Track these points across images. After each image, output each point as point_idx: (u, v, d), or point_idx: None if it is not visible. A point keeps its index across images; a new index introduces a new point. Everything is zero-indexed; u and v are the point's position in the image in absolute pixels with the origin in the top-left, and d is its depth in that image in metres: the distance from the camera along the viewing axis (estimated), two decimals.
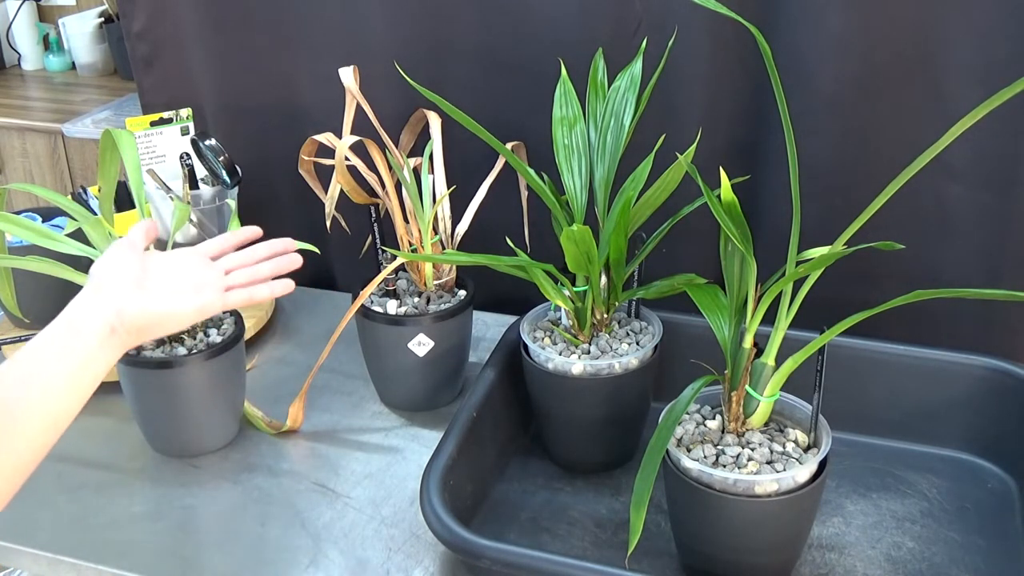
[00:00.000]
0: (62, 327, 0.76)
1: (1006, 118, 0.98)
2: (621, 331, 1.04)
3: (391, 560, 0.92)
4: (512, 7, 1.21)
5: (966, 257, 1.15)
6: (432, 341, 1.09)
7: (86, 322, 0.76)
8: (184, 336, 1.04)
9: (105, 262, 0.82)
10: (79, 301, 0.78)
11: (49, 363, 0.73)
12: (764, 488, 0.82)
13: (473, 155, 1.11)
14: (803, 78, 1.12)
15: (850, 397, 1.07)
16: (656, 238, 1.03)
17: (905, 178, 0.74)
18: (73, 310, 0.77)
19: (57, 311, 1.15)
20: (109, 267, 0.81)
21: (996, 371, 1.05)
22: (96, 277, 0.81)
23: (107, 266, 0.81)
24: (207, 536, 0.97)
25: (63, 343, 0.74)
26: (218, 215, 1.28)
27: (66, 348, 0.74)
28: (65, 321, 0.76)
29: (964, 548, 0.95)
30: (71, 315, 0.77)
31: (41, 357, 0.73)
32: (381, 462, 1.07)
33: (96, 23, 2.75)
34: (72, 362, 0.74)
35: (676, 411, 0.83)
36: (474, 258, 0.95)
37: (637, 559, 0.91)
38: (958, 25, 1.05)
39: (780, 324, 0.86)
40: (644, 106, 1.03)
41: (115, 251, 0.83)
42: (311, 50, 1.32)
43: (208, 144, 1.23)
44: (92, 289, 0.79)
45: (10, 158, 2.49)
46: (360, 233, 1.16)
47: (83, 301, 0.78)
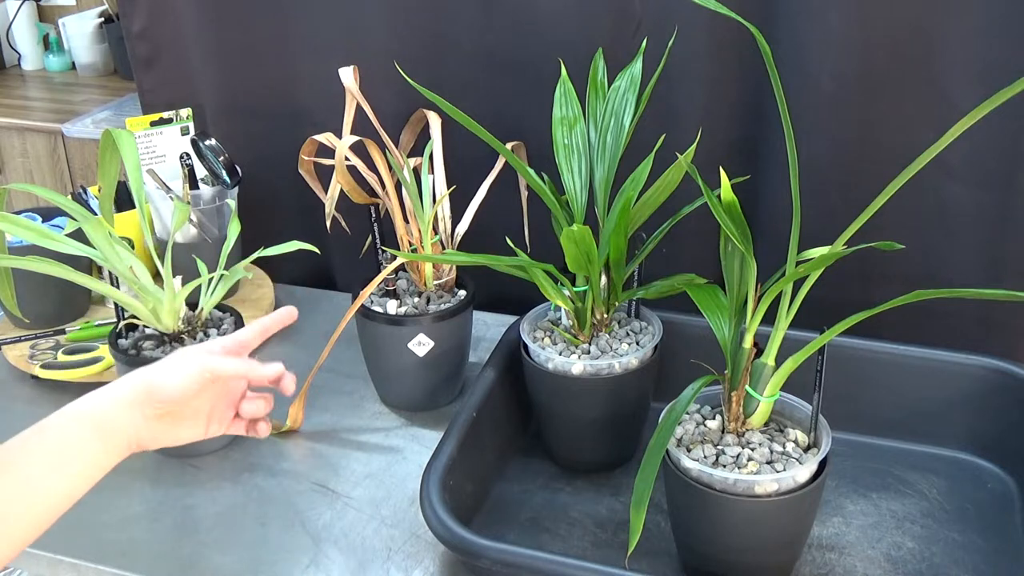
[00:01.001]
0: (88, 427, 0.74)
1: (1006, 118, 0.98)
2: (621, 331, 1.04)
3: (391, 560, 0.93)
4: (512, 7, 1.21)
5: (966, 257, 1.15)
6: (432, 341, 1.09)
7: (114, 437, 0.75)
8: (184, 336, 1.04)
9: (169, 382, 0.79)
10: (116, 407, 0.76)
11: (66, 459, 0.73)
12: (764, 488, 0.82)
13: (473, 155, 1.11)
14: (803, 78, 1.12)
15: (850, 397, 1.07)
16: (656, 238, 1.03)
17: (905, 178, 0.74)
18: (107, 415, 0.75)
19: (57, 311, 1.16)
20: (163, 391, 0.78)
21: (996, 371, 1.05)
22: (144, 390, 0.78)
23: (163, 389, 0.78)
24: (207, 536, 0.97)
25: (86, 442, 0.74)
26: (218, 215, 1.28)
27: (88, 449, 0.74)
28: (95, 422, 0.75)
29: (964, 548, 0.95)
30: (103, 417, 0.75)
31: (60, 449, 0.73)
32: (381, 462, 1.07)
33: (96, 23, 2.75)
34: (88, 463, 0.74)
35: (676, 411, 0.83)
36: (474, 258, 0.95)
37: (637, 559, 0.91)
38: (958, 25, 1.05)
39: (780, 324, 0.86)
40: (644, 106, 1.03)
41: (188, 377, 0.79)
42: (311, 50, 1.32)
43: (208, 144, 1.23)
44: (132, 402, 0.77)
45: (10, 158, 2.49)
46: (360, 233, 1.16)
47: (120, 412, 0.76)
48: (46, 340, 1.25)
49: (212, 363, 0.80)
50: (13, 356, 1.22)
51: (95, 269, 1.27)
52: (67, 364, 1.19)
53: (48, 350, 1.23)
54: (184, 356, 0.81)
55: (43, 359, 1.20)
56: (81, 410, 0.75)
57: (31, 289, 1.21)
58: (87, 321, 1.29)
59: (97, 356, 1.20)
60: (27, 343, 1.25)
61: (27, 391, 1.20)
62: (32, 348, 1.24)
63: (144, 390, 0.78)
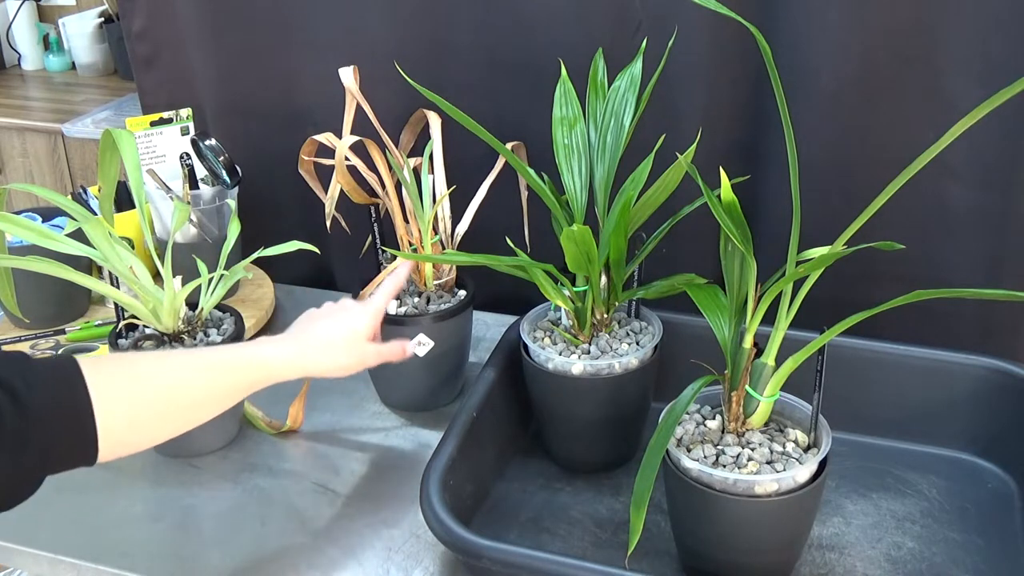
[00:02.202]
0: (255, 358, 0.87)
1: (1006, 118, 0.98)
2: (621, 331, 1.04)
3: (391, 560, 0.93)
4: (512, 7, 1.21)
5: (966, 257, 1.15)
6: (432, 341, 1.09)
7: (275, 371, 0.88)
8: (184, 336, 1.04)
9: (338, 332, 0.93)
10: (284, 352, 0.89)
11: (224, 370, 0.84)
12: (764, 488, 0.82)
13: (473, 155, 1.11)
14: (803, 78, 1.12)
15: (850, 397, 1.07)
16: (656, 238, 1.03)
17: (905, 178, 0.74)
18: (274, 356, 0.88)
19: (57, 311, 1.17)
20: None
21: (996, 371, 1.05)
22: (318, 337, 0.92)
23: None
24: (207, 536, 0.97)
25: (246, 365, 0.86)
26: (218, 215, 1.28)
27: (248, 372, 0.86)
28: (261, 357, 0.87)
29: (964, 548, 0.95)
30: (269, 356, 0.88)
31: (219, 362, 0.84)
32: (381, 462, 1.07)
33: (96, 23, 2.75)
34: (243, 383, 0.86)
35: (676, 411, 0.83)
36: (474, 258, 0.95)
37: (637, 559, 0.91)
38: (958, 25, 1.05)
39: (780, 324, 0.86)
40: (644, 106, 1.03)
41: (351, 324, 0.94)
42: (311, 50, 1.32)
43: (208, 144, 1.23)
44: (303, 346, 0.91)
45: (10, 158, 2.49)
46: (360, 233, 1.16)
47: (287, 354, 0.89)
48: (46, 340, 1.25)
49: (366, 364, 0.96)
50: None
51: (95, 269, 1.27)
52: None
53: (48, 350, 1.23)
54: (343, 363, 0.93)
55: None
56: (245, 382, 0.86)
57: (31, 289, 1.21)
58: (87, 321, 1.29)
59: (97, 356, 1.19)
60: (27, 343, 1.25)
61: None
62: (32, 348, 1.23)
63: (304, 373, 0.92)
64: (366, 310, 0.96)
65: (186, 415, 0.81)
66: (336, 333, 0.93)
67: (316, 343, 0.91)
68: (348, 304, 0.97)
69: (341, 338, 0.93)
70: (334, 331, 0.93)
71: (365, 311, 0.95)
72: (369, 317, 0.95)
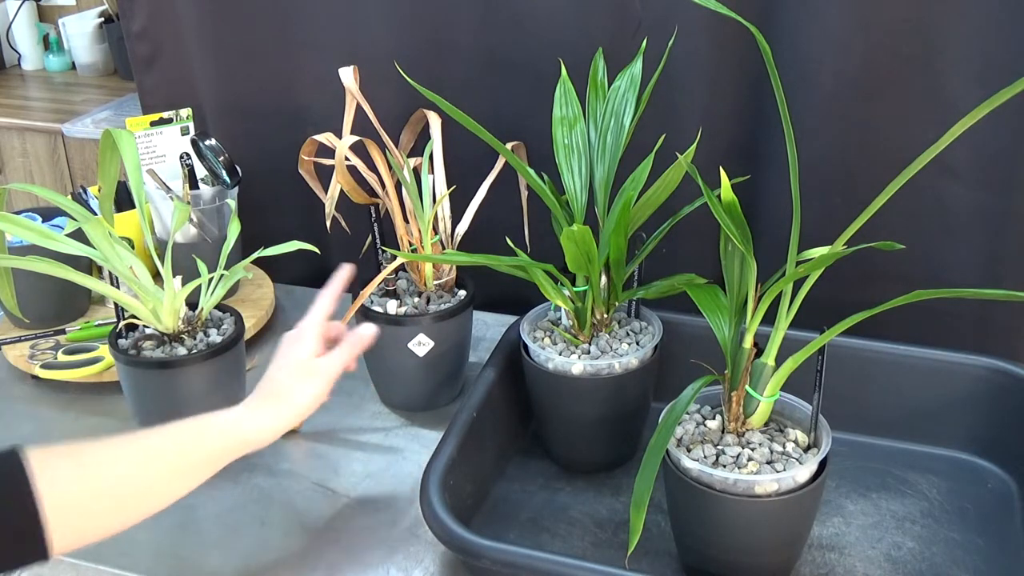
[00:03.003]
0: (235, 438, 0.85)
1: (1006, 118, 0.98)
2: (621, 331, 1.04)
3: (391, 560, 0.93)
4: (512, 7, 1.21)
5: (966, 257, 1.15)
6: (432, 341, 1.09)
7: (250, 439, 0.86)
8: (184, 336, 1.04)
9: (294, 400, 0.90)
10: (265, 425, 0.87)
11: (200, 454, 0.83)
12: (764, 488, 0.82)
13: (473, 155, 1.11)
14: (803, 78, 1.12)
15: (850, 397, 1.07)
16: (656, 238, 1.03)
17: (905, 178, 0.74)
18: (254, 431, 0.86)
19: (57, 311, 1.16)
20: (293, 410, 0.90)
21: (996, 371, 1.05)
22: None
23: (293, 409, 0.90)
24: (207, 536, 0.97)
25: (223, 448, 0.84)
26: (218, 215, 1.28)
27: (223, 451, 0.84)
28: (239, 436, 0.85)
29: (964, 548, 0.95)
30: (247, 432, 0.86)
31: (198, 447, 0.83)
32: (381, 462, 1.07)
33: (96, 23, 2.75)
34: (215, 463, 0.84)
35: (676, 411, 0.83)
36: (474, 258, 0.95)
37: (637, 559, 0.91)
38: (958, 25, 1.05)
39: (780, 324, 0.86)
40: (644, 106, 1.03)
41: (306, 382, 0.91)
42: (311, 50, 1.32)
43: (208, 144, 1.23)
44: (277, 416, 0.88)
45: (10, 158, 2.49)
46: (360, 233, 1.16)
47: (265, 428, 0.87)
48: (46, 340, 1.25)
49: (335, 375, 0.92)
50: (13, 356, 1.22)
51: (95, 269, 1.27)
52: (67, 364, 1.19)
53: (48, 350, 1.23)
54: (318, 386, 0.90)
55: (43, 359, 1.20)
56: (245, 432, 0.85)
57: (31, 289, 1.21)
58: (87, 321, 1.29)
59: (97, 356, 1.20)
60: (27, 343, 1.25)
61: (27, 391, 1.20)
62: (32, 348, 1.23)
63: (296, 422, 0.90)
64: (302, 333, 0.93)
65: (151, 499, 0.79)
66: (291, 374, 0.90)
67: (281, 394, 0.89)
68: (288, 338, 0.94)
69: (297, 375, 0.90)
70: (289, 374, 0.90)
71: (301, 335, 0.93)
72: (310, 339, 0.92)
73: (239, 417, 0.86)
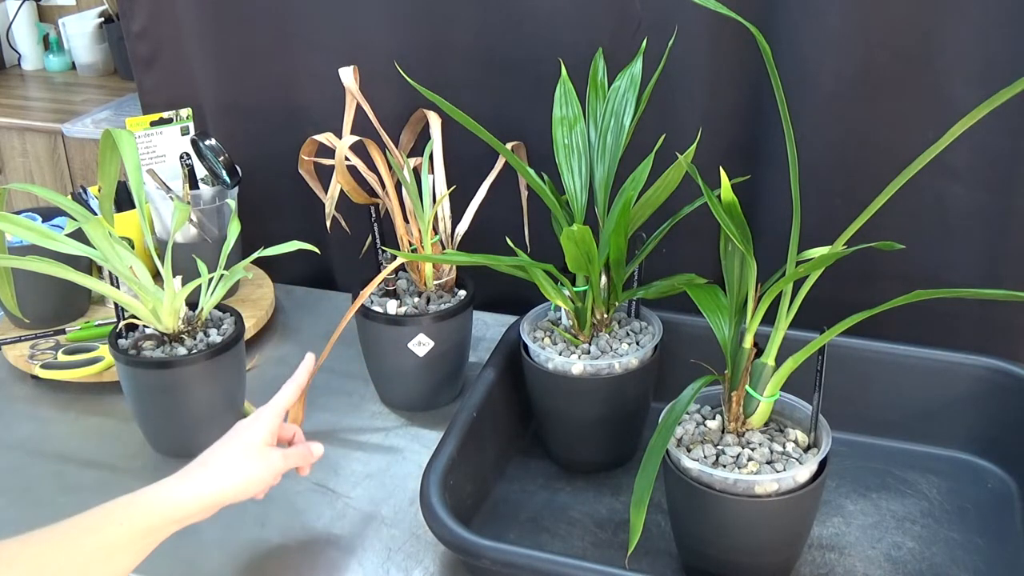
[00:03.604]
0: (161, 514, 0.79)
1: (1006, 118, 0.98)
2: (621, 331, 1.04)
3: (391, 560, 0.92)
4: (512, 7, 1.21)
5: (966, 257, 1.15)
6: (432, 341, 1.09)
7: (181, 509, 0.81)
8: (184, 336, 1.04)
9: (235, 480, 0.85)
10: (184, 521, 0.81)
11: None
12: (764, 488, 0.82)
13: (473, 155, 1.11)
14: (803, 78, 1.12)
15: (850, 397, 1.07)
16: (656, 238, 1.03)
17: (905, 178, 0.74)
18: (170, 527, 0.80)
19: (57, 311, 1.15)
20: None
21: (996, 371, 1.05)
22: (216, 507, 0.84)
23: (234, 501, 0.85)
24: (207, 536, 0.97)
25: (150, 526, 0.78)
26: (218, 215, 1.28)
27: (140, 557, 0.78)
28: (182, 515, 0.80)
29: (964, 548, 0.95)
30: (177, 503, 0.80)
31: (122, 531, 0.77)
32: (381, 462, 1.07)
33: (96, 23, 2.75)
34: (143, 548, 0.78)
35: (676, 411, 0.83)
36: (474, 258, 0.95)
37: (637, 559, 0.91)
38: (958, 25, 1.05)
39: (780, 324, 0.86)
40: (644, 106, 1.03)
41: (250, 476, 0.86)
42: (311, 50, 1.32)
43: (208, 144, 1.23)
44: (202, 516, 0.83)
45: (10, 158, 2.49)
46: (360, 233, 1.16)
47: (198, 497, 0.81)
48: (46, 340, 1.25)
49: (281, 471, 0.88)
50: (13, 356, 1.22)
51: (95, 269, 1.27)
52: (67, 364, 1.19)
53: (48, 350, 1.23)
54: (257, 473, 0.86)
55: (43, 359, 1.20)
56: (174, 507, 0.80)
57: (31, 289, 1.21)
58: (87, 321, 1.29)
59: (97, 356, 1.20)
60: (27, 343, 1.25)
61: (27, 391, 1.20)
62: (32, 348, 1.24)
63: (231, 502, 0.84)
64: (259, 416, 0.89)
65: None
66: (236, 450, 0.86)
67: (220, 465, 0.84)
68: (242, 424, 0.90)
69: (242, 453, 0.86)
70: (233, 449, 0.86)
71: (258, 418, 0.89)
72: (265, 423, 0.88)
73: (168, 489, 0.81)
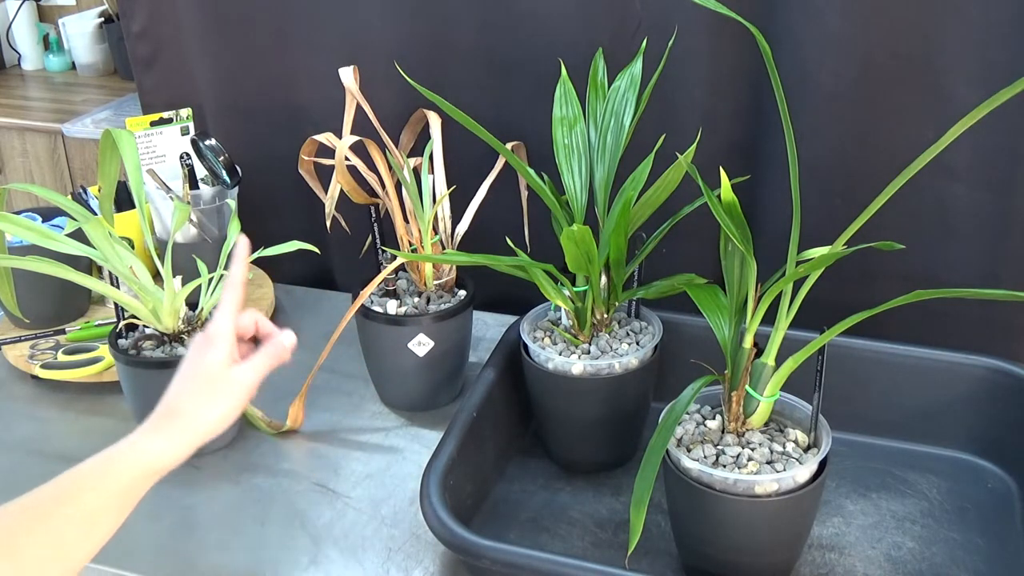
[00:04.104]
0: (139, 470, 0.73)
1: (1006, 118, 0.98)
2: (621, 331, 1.04)
3: (391, 560, 0.93)
4: (512, 7, 1.21)
5: (966, 257, 1.15)
6: (432, 341, 1.09)
7: (154, 463, 0.74)
8: (184, 336, 1.04)
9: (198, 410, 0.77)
10: (164, 465, 0.75)
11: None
12: (764, 488, 0.82)
13: (473, 155, 1.11)
14: (803, 78, 1.12)
15: (850, 397, 1.07)
16: (656, 238, 1.03)
17: (905, 178, 0.74)
18: (150, 475, 0.74)
19: (57, 311, 1.15)
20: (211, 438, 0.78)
21: (996, 371, 1.05)
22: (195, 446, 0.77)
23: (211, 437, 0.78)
24: (207, 536, 0.97)
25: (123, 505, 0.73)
26: (218, 215, 1.28)
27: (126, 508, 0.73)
28: (154, 469, 0.74)
29: (964, 548, 0.95)
30: (146, 478, 0.74)
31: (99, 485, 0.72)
32: (381, 462, 1.07)
33: (96, 23, 2.75)
34: (121, 518, 0.73)
35: (676, 411, 0.83)
36: (474, 258, 0.95)
37: (637, 559, 0.91)
38: (958, 25, 1.05)
39: (780, 324, 0.86)
40: (644, 106, 1.03)
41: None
42: (311, 50, 1.32)
43: (208, 144, 1.23)
44: (182, 457, 0.76)
45: (10, 158, 2.49)
46: (360, 233, 1.16)
47: (165, 468, 0.75)
48: (46, 340, 1.25)
49: (253, 389, 0.80)
50: (13, 356, 1.22)
51: (95, 269, 1.27)
52: (67, 364, 1.19)
53: (48, 350, 1.23)
54: (229, 403, 0.78)
55: (43, 359, 1.20)
56: (145, 462, 0.74)
57: (31, 289, 1.21)
58: (87, 321, 1.29)
59: (97, 356, 1.20)
60: (27, 343, 1.25)
61: (27, 391, 1.20)
62: (32, 348, 1.24)
63: (205, 442, 0.77)
64: (210, 339, 0.80)
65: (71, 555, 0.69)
66: (200, 386, 0.78)
67: (189, 409, 0.77)
68: (195, 351, 0.80)
69: (208, 388, 0.78)
70: (197, 386, 0.78)
71: (210, 341, 0.80)
72: (220, 345, 0.79)
73: (142, 445, 0.74)
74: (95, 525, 0.70)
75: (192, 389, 0.78)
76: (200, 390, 0.78)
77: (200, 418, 0.77)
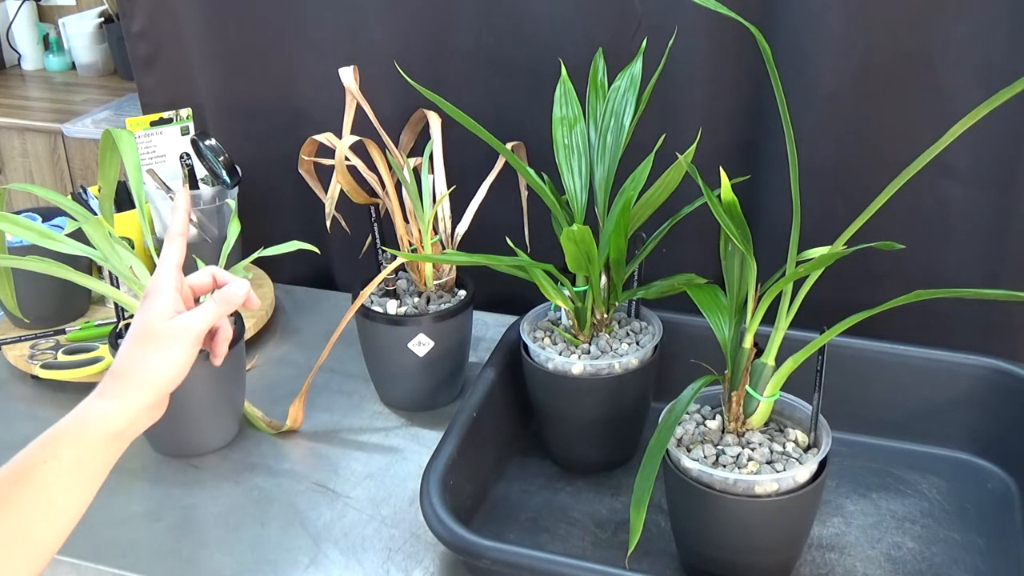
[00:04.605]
0: (93, 438, 0.72)
1: (1006, 118, 0.98)
2: (621, 331, 1.04)
3: (391, 560, 0.93)
4: (512, 7, 1.21)
5: (966, 257, 1.15)
6: (432, 341, 1.09)
7: (124, 441, 0.75)
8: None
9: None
10: (129, 417, 0.74)
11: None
12: (764, 488, 0.82)
13: (473, 155, 1.11)
14: (803, 78, 1.12)
15: (850, 397, 1.07)
16: (656, 238, 1.03)
17: (905, 178, 0.74)
18: (120, 427, 0.74)
19: (57, 311, 1.15)
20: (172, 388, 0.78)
21: (996, 371, 1.05)
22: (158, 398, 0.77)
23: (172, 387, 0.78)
24: (207, 536, 0.97)
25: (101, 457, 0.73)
26: (218, 215, 1.28)
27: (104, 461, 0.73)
28: (109, 436, 0.73)
29: (964, 548, 0.95)
30: (117, 431, 0.73)
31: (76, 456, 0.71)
32: (381, 462, 1.07)
33: (96, 23, 2.76)
34: (102, 472, 0.73)
35: (676, 411, 0.83)
36: (474, 258, 0.95)
37: (637, 559, 0.91)
38: (958, 25, 1.05)
39: (780, 324, 0.86)
40: (644, 106, 1.03)
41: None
42: (311, 50, 1.32)
43: (208, 144, 1.23)
44: (147, 409, 0.76)
45: (10, 158, 2.49)
46: (360, 233, 1.16)
47: (134, 423, 0.75)
48: (46, 340, 1.25)
49: (199, 335, 0.78)
50: (13, 356, 1.22)
51: (95, 269, 1.27)
52: (67, 364, 1.19)
53: (48, 350, 1.23)
54: (175, 353, 0.77)
55: (43, 359, 1.20)
56: (97, 428, 0.73)
57: (31, 289, 1.21)
58: (87, 321, 1.29)
59: (97, 356, 1.20)
60: (27, 343, 1.25)
61: (27, 391, 1.20)
62: (32, 348, 1.24)
63: (158, 398, 0.77)
64: (153, 292, 0.78)
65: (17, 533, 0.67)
66: (146, 342, 0.76)
67: (137, 369, 0.75)
68: (141, 307, 0.79)
69: (153, 342, 0.76)
70: (144, 342, 0.76)
71: (154, 293, 0.78)
72: (163, 296, 0.77)
73: (84, 412, 0.73)
74: (53, 503, 0.69)
75: (135, 346, 0.76)
76: (144, 346, 0.76)
77: (147, 373, 0.75)
